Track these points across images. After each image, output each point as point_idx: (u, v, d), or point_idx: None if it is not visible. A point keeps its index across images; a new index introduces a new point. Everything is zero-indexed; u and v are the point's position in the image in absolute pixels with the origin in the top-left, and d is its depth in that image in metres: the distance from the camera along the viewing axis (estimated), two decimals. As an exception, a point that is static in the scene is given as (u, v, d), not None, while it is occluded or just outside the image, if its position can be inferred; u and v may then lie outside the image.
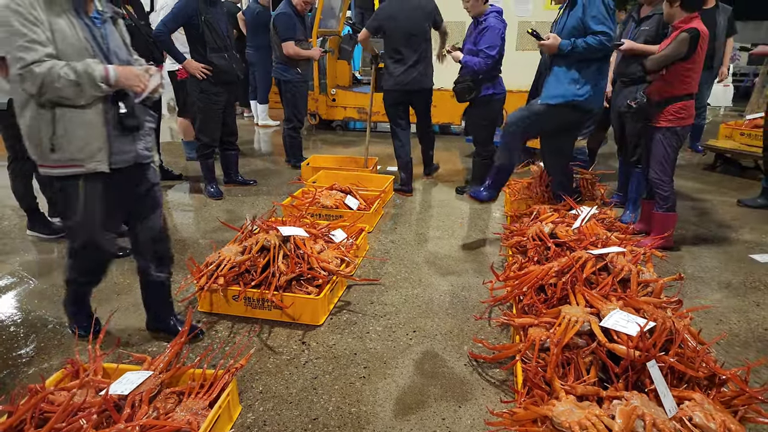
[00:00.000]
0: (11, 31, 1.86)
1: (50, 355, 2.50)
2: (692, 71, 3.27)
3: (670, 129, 3.39)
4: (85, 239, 2.20)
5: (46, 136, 1.98)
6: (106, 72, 1.97)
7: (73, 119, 1.99)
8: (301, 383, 2.34)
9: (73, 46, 1.96)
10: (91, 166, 2.05)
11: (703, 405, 1.70)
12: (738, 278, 3.34)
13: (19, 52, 1.86)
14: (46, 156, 2.02)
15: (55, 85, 1.89)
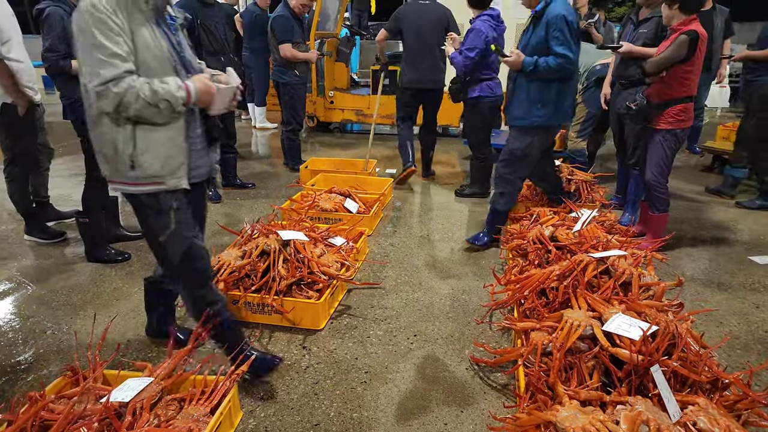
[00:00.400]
0: (91, 43, 1.69)
1: (49, 361, 2.49)
2: (691, 73, 3.28)
3: (670, 131, 3.40)
4: (185, 246, 2.04)
5: (126, 152, 1.83)
6: (187, 94, 1.83)
7: (155, 136, 1.85)
8: (302, 388, 2.32)
9: (156, 57, 1.81)
10: (172, 183, 1.92)
11: (707, 410, 1.69)
12: (737, 280, 3.34)
13: (97, 66, 1.69)
14: (123, 173, 1.87)
15: (133, 106, 1.74)
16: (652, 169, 3.50)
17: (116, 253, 3.53)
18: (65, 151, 6.09)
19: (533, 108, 3.36)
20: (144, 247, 3.74)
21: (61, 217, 4.13)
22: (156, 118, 1.80)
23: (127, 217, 4.26)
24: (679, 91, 3.32)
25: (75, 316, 2.87)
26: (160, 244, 2.02)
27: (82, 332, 2.69)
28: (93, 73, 1.70)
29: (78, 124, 3.24)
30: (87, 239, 3.49)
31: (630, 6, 18.88)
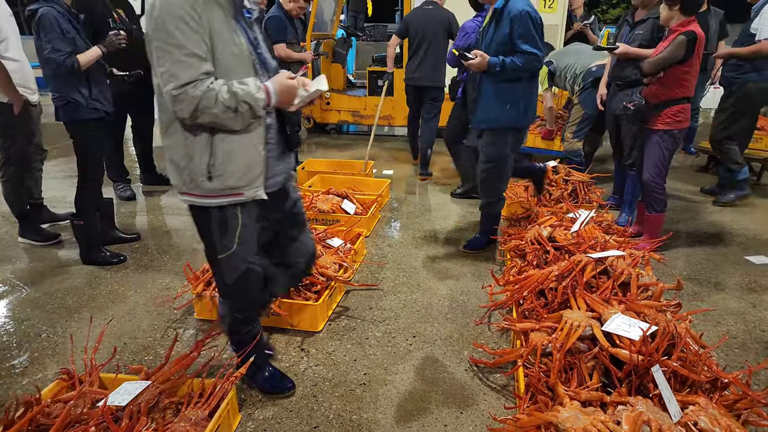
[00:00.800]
0: (169, 41, 1.53)
1: (44, 365, 2.46)
2: (689, 74, 3.29)
3: (668, 132, 3.40)
4: (242, 270, 1.92)
5: (202, 162, 1.69)
6: (267, 96, 1.68)
7: (234, 144, 1.70)
8: (301, 391, 2.31)
9: (235, 56, 1.65)
10: (250, 194, 1.78)
11: (707, 409, 1.69)
12: (734, 280, 3.35)
13: (174, 67, 1.54)
14: (199, 184, 1.72)
15: (211, 110, 1.59)
16: (649, 169, 3.50)
17: (111, 256, 3.50)
18: (59, 153, 6.06)
19: (503, 109, 3.21)
20: (140, 249, 3.72)
21: (55, 219, 4.10)
22: (234, 123, 1.65)
23: (123, 219, 4.24)
24: (676, 91, 3.33)
25: (70, 319, 2.84)
26: (217, 260, 1.90)
27: (77, 335, 2.67)
28: (170, 75, 1.55)
29: (71, 126, 3.21)
30: (82, 241, 3.46)
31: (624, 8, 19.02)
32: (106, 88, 3.33)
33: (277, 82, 1.72)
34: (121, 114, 4.44)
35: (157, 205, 4.67)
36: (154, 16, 1.53)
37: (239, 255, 1.88)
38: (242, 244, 1.86)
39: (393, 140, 7.35)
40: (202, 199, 1.76)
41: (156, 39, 1.55)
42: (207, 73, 1.58)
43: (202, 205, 1.78)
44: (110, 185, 4.73)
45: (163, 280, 3.28)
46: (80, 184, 3.32)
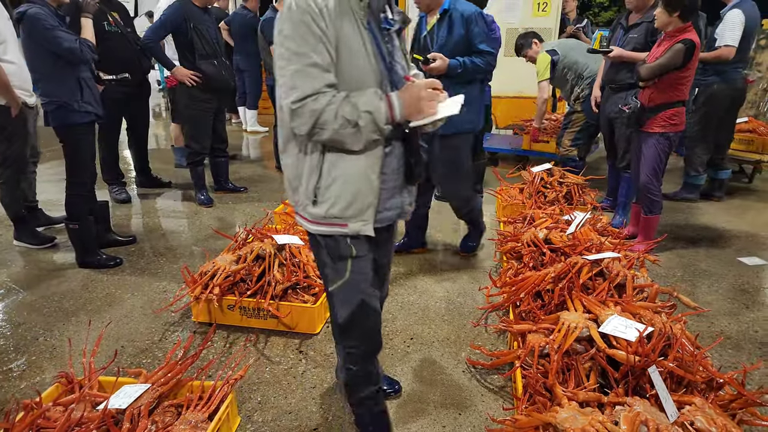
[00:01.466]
0: (291, 49, 1.40)
1: (42, 368, 2.46)
2: (686, 79, 3.34)
3: (663, 135, 3.44)
4: (355, 303, 1.69)
5: (309, 184, 1.55)
6: (390, 109, 1.46)
7: (346, 167, 1.52)
8: (300, 393, 2.32)
9: (360, 69, 1.48)
10: (355, 227, 1.57)
11: (703, 409, 1.72)
12: (727, 281, 3.39)
13: (295, 78, 1.41)
14: (305, 208, 1.59)
15: (331, 126, 1.42)
16: (645, 172, 3.54)
17: (107, 259, 3.50)
18: (52, 156, 6.02)
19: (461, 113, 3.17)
20: (136, 252, 3.71)
21: (51, 223, 4.08)
22: (354, 140, 1.46)
23: (119, 222, 4.23)
24: (672, 95, 3.37)
25: (67, 322, 2.84)
26: (330, 294, 1.72)
27: (74, 339, 2.66)
28: (290, 87, 1.42)
29: (61, 130, 3.19)
30: (77, 245, 3.45)
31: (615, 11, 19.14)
32: (97, 91, 3.32)
33: (402, 92, 1.50)
34: (116, 117, 4.44)
35: (153, 208, 4.66)
36: (284, 22, 1.42)
37: (352, 285, 1.67)
38: (355, 274, 1.66)
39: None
40: (309, 224, 1.61)
41: (279, 45, 1.43)
42: (330, 86, 1.43)
43: (309, 230, 1.63)
44: (105, 188, 4.72)
45: (160, 283, 3.27)
46: (69, 189, 3.30)
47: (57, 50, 3.00)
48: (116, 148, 4.69)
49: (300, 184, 1.57)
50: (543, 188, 4.30)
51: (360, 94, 1.45)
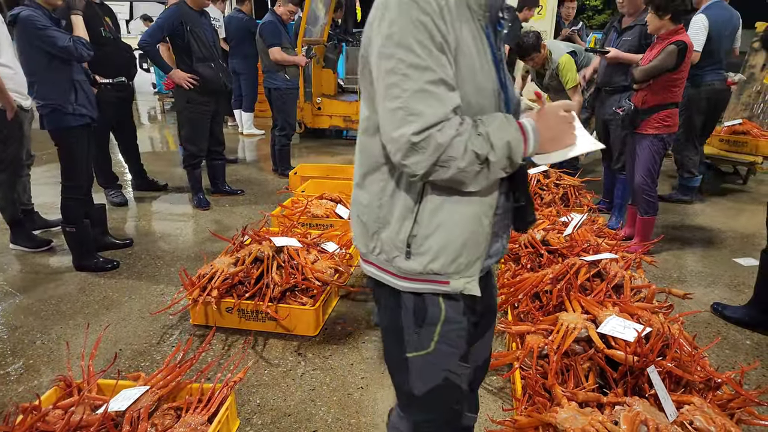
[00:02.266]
0: (408, 62, 1.03)
1: (39, 372, 2.45)
2: (679, 81, 3.37)
3: (657, 136, 3.47)
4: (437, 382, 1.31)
5: (401, 232, 1.19)
6: (525, 141, 1.12)
7: (455, 212, 1.17)
8: (299, 395, 2.32)
9: (481, 86, 1.13)
10: (458, 285, 1.22)
11: (702, 409, 1.73)
12: (723, 282, 3.41)
13: (416, 101, 1.03)
14: (392, 260, 1.22)
15: (456, 164, 1.06)
16: (640, 173, 3.56)
17: (104, 262, 3.48)
18: (48, 159, 6.00)
19: None
20: (133, 255, 3.70)
21: (47, 226, 4.07)
22: (475, 181, 1.11)
23: (115, 225, 4.22)
24: (665, 97, 3.40)
25: (65, 325, 2.83)
26: (404, 359, 1.30)
27: (72, 342, 2.65)
28: (408, 112, 1.04)
29: (56, 133, 3.18)
30: (74, 248, 3.44)
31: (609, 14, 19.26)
32: (92, 94, 3.32)
33: (538, 117, 1.18)
34: (108, 121, 4.44)
35: (150, 211, 4.65)
36: (386, 23, 1.05)
37: (437, 359, 1.29)
38: (443, 344, 1.28)
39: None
40: (396, 279, 1.24)
41: (386, 57, 1.05)
42: (456, 109, 1.07)
43: (391, 285, 1.26)
44: (101, 191, 4.71)
45: (158, 286, 3.27)
46: (65, 192, 3.29)
47: (52, 49, 3.00)
48: (108, 152, 4.69)
49: (383, 230, 1.21)
50: (539, 190, 4.32)
51: (489, 120, 1.10)
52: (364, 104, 1.20)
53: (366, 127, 1.20)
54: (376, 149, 1.18)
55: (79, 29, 3.17)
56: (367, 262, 1.30)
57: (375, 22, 1.08)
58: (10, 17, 3.02)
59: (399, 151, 1.07)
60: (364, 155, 1.23)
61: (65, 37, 3.02)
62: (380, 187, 1.21)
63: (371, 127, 1.18)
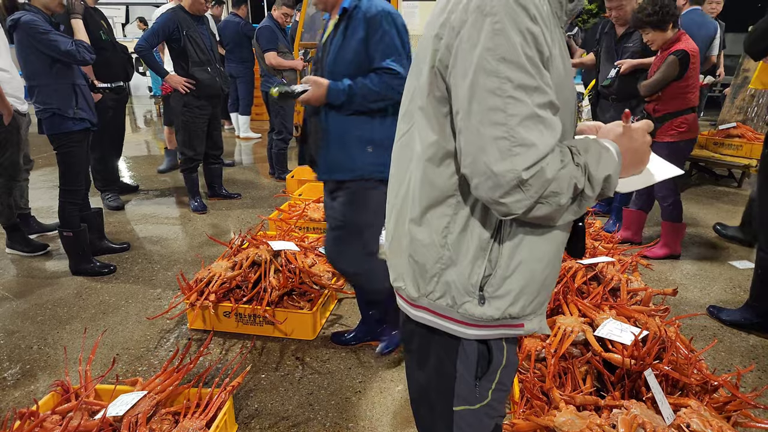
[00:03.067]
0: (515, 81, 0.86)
1: (36, 377, 2.44)
2: (688, 88, 3.36)
3: (672, 143, 3.44)
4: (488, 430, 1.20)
5: (474, 274, 1.02)
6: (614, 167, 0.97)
7: (536, 249, 1.03)
8: (297, 399, 2.32)
9: (567, 103, 0.98)
10: (532, 326, 1.09)
11: (699, 412, 1.74)
12: (719, 284, 3.42)
13: (527, 129, 0.86)
14: (459, 307, 1.05)
15: (558, 200, 0.91)
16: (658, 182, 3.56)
17: (101, 266, 3.48)
18: (44, 163, 6.00)
19: (363, 152, 2.18)
20: (130, 259, 3.69)
21: (43, 230, 4.06)
22: (565, 215, 0.96)
23: (112, 229, 4.21)
24: (677, 105, 3.39)
25: (61, 330, 2.82)
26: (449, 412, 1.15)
27: (69, 347, 2.65)
28: (517, 143, 0.86)
29: (56, 138, 3.18)
30: (71, 253, 3.43)
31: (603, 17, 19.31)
32: (91, 99, 3.32)
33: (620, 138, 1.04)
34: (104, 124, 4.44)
35: (146, 215, 4.64)
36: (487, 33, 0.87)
37: (491, 408, 1.16)
38: (499, 391, 1.16)
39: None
40: (455, 324, 1.08)
41: (487, 73, 0.87)
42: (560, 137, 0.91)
43: (450, 332, 1.09)
44: (98, 195, 4.70)
45: (155, 291, 3.26)
46: (63, 196, 3.29)
47: (55, 54, 3.00)
48: (106, 155, 4.68)
49: (447, 271, 1.04)
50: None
51: (582, 148, 0.95)
52: (427, 126, 1.01)
53: (432, 155, 1.01)
54: (442, 180, 1.01)
55: (80, 33, 3.18)
56: (416, 306, 1.11)
57: (466, 29, 0.89)
58: (11, 21, 3.02)
59: (499, 188, 0.88)
60: (426, 187, 1.03)
61: (67, 41, 3.02)
62: (445, 222, 1.03)
63: (438, 155, 1.00)
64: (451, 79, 0.93)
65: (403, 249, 1.11)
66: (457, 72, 0.91)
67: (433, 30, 0.96)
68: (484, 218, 1.01)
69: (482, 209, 1.00)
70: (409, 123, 1.08)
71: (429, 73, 0.98)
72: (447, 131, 0.99)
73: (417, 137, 1.04)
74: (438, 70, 0.96)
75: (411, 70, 1.09)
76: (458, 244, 1.02)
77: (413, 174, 1.06)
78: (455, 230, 1.02)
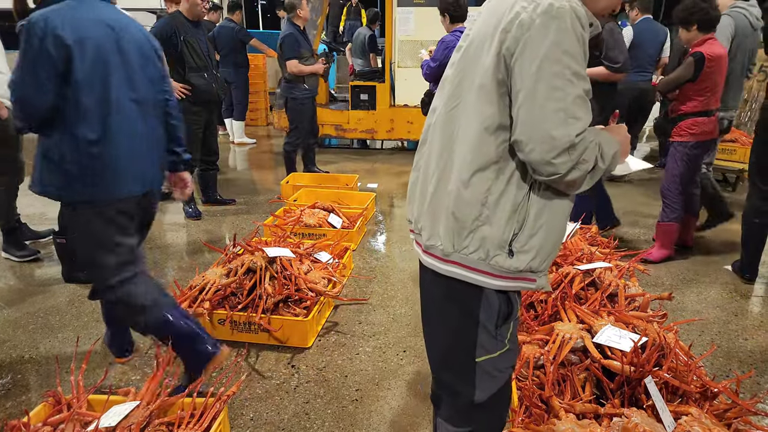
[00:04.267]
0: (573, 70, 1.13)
1: (28, 387, 2.40)
2: (703, 91, 3.38)
3: (681, 144, 3.51)
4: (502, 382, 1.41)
5: (505, 231, 1.24)
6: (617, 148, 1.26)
7: (554, 213, 1.27)
8: (293, 408, 2.29)
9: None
10: (542, 282, 1.32)
11: (700, 419, 1.72)
12: (715, 289, 3.42)
13: (578, 106, 1.14)
14: (491, 259, 1.25)
15: (586, 167, 1.17)
16: (666, 178, 3.66)
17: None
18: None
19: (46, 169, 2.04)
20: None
21: (36, 237, 4.01)
22: (582, 186, 1.22)
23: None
24: (692, 106, 3.43)
25: (54, 339, 2.78)
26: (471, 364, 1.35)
27: (62, 356, 2.61)
28: (571, 115, 1.13)
29: None
30: (64, 260, 3.39)
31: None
32: None
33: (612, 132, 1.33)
34: None
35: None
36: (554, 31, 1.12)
37: (506, 358, 1.37)
38: (512, 342, 1.38)
39: (376, 154, 7.37)
40: (484, 277, 1.27)
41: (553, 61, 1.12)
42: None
43: (477, 283, 1.29)
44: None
45: (149, 298, 3.22)
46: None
47: None
48: None
49: (484, 228, 1.24)
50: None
51: (594, 131, 1.21)
52: (486, 101, 1.22)
53: (489, 125, 1.22)
54: (492, 147, 1.22)
55: None
56: (447, 261, 1.29)
57: (535, 26, 1.12)
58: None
59: (554, 150, 1.13)
60: (478, 152, 1.23)
61: None
62: (487, 186, 1.23)
63: (493, 125, 1.22)
64: (517, 64, 1.15)
65: (443, 208, 1.29)
66: (524, 58, 1.14)
67: (499, 25, 1.18)
68: (519, 185, 1.23)
69: (518, 177, 1.23)
70: (457, 100, 1.29)
71: (495, 58, 1.19)
72: (503, 106, 1.20)
73: (470, 111, 1.25)
74: (504, 56, 1.17)
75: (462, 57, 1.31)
76: (496, 204, 1.23)
77: (462, 141, 1.26)
78: (495, 192, 1.23)
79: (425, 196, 1.35)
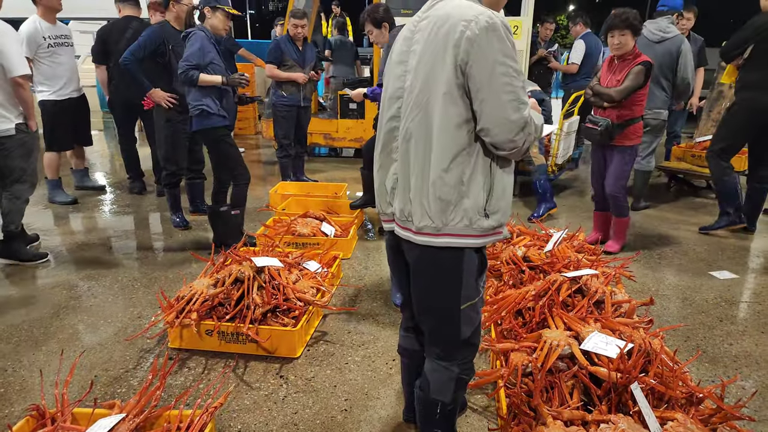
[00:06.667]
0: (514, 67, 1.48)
1: (11, 401, 2.36)
2: (644, 96, 3.72)
3: (630, 147, 3.79)
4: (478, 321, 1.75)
5: (480, 198, 1.55)
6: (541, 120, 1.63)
7: (505, 176, 1.61)
8: (281, 419, 2.27)
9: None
10: (506, 231, 1.66)
11: (685, 424, 1.74)
12: (700, 295, 3.46)
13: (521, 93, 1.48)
14: (473, 224, 1.56)
15: (531, 138, 1.52)
16: (616, 182, 3.85)
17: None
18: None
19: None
20: (109, 276, 3.61)
21: (28, 242, 3.98)
22: (525, 150, 1.55)
23: (89, 241, 4.12)
24: (635, 111, 3.71)
25: (38, 351, 2.74)
26: (457, 313, 1.67)
27: (45, 369, 2.57)
28: (521, 101, 1.47)
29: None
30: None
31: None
32: None
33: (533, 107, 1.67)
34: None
35: (126, 230, 4.55)
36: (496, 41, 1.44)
37: (481, 300, 1.73)
38: (482, 286, 1.71)
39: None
40: (472, 239, 1.58)
41: (500, 63, 1.44)
42: None
43: (463, 246, 1.59)
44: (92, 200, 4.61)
45: (135, 309, 3.19)
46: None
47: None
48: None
49: (464, 200, 1.54)
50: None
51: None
52: (451, 103, 1.49)
53: (457, 122, 1.50)
54: (462, 138, 1.51)
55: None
56: (439, 235, 1.58)
57: (479, 39, 1.42)
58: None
59: (513, 131, 1.47)
60: (453, 143, 1.52)
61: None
62: (462, 168, 1.53)
63: (460, 121, 1.50)
64: (473, 69, 1.45)
65: (430, 194, 1.55)
66: (478, 64, 1.44)
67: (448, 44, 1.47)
68: (485, 161, 1.55)
69: (483, 155, 1.54)
70: (421, 109, 1.55)
71: (452, 69, 1.47)
72: (464, 104, 1.49)
73: (440, 114, 1.51)
74: (459, 66, 1.46)
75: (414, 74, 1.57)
76: (471, 180, 1.54)
77: (437, 138, 1.52)
78: (468, 173, 1.53)
79: (408, 188, 1.61)
